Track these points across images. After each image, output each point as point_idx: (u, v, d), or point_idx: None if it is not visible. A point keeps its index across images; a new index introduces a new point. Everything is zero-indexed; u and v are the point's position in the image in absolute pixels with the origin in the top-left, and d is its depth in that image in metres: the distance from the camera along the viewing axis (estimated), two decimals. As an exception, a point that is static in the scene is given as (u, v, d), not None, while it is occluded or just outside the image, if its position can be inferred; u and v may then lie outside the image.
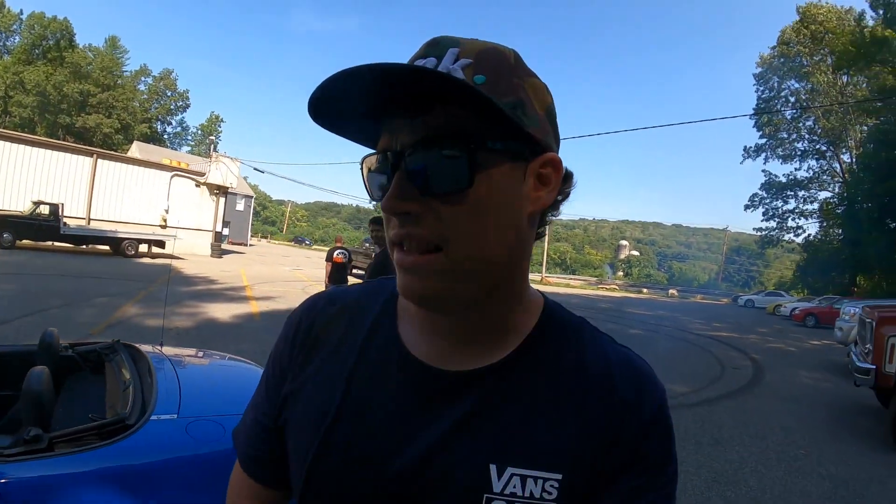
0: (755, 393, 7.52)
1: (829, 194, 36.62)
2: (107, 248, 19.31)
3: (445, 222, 0.51)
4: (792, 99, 38.34)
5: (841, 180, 35.16)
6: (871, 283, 26.90)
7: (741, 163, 43.27)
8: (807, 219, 37.97)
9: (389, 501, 0.55)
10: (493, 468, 0.53)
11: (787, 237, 38.93)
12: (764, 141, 39.01)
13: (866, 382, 5.71)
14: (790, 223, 38.64)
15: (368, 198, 0.59)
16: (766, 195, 39.03)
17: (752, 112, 38.82)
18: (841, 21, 33.23)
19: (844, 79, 31.18)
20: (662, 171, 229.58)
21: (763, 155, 39.41)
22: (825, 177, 37.51)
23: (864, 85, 31.12)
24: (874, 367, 5.55)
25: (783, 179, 38.62)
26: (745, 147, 40.71)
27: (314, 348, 0.64)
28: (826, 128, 35.34)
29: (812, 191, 37.85)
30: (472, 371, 0.57)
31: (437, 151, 0.50)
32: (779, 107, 37.90)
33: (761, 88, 39.78)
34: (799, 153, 37.90)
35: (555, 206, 0.59)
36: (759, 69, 39.66)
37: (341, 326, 0.65)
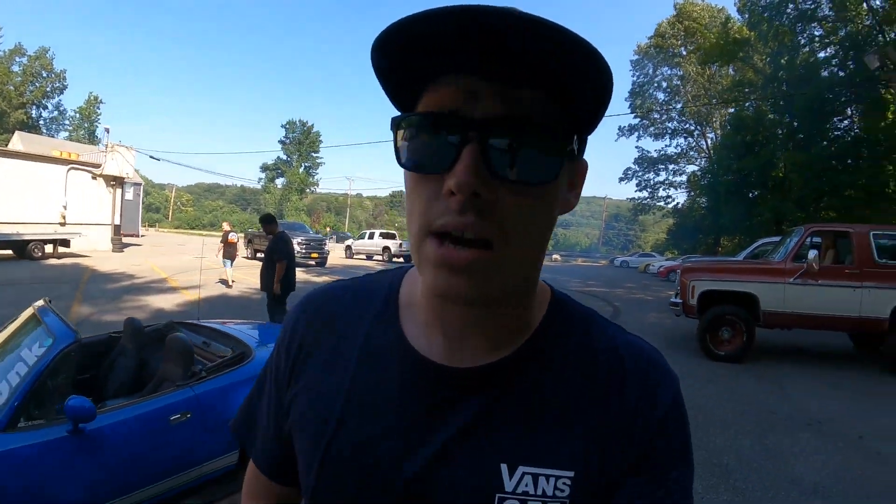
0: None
1: (695, 168, 41.26)
2: (9, 252, 17.93)
3: (511, 216, 0.46)
4: (664, 84, 43.14)
5: (706, 156, 39.76)
6: (732, 244, 31.02)
7: (615, 140, 48.16)
8: (676, 189, 42.98)
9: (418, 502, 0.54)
10: (504, 468, 0.52)
11: (658, 205, 43.88)
12: (638, 121, 43.25)
13: (678, 312, 8.09)
14: (661, 193, 43.46)
15: (397, 161, 0.50)
16: (638, 169, 43.71)
17: (627, 95, 43.89)
18: (713, 18, 37.38)
19: (714, 68, 35.21)
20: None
21: (636, 133, 43.81)
22: (692, 153, 42.50)
23: (732, 73, 35.34)
24: (681, 301, 7.90)
25: (655, 155, 43.29)
26: (620, 126, 45.17)
27: (309, 354, 0.63)
28: (692, 111, 39.82)
29: (681, 165, 42.78)
30: (480, 367, 0.56)
31: (536, 135, 0.46)
32: (652, 90, 42.54)
33: (637, 74, 44.24)
34: (669, 132, 42.56)
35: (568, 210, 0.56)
36: (636, 56, 44.03)
37: (337, 328, 0.63)
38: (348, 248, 29.88)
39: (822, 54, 24.44)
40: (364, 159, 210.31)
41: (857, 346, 8.79)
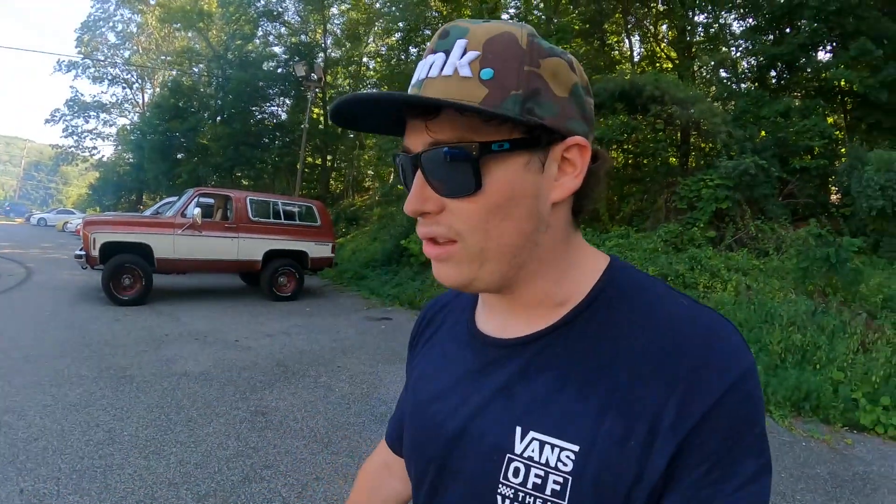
0: (24, 288, 9.41)
1: (127, 122, 38.84)
2: None
3: (459, 220, 0.53)
4: (120, 27, 38.43)
5: (140, 112, 37.57)
6: (153, 202, 31.52)
7: (51, 74, 40.94)
8: (104, 140, 39.93)
9: (444, 456, 0.61)
10: (518, 430, 0.55)
11: (83, 156, 39.39)
12: (81, 59, 38.09)
13: (83, 264, 8.51)
14: (88, 143, 39.08)
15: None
16: (68, 112, 37.86)
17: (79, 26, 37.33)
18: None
19: (175, 27, 33.81)
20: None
21: (75, 72, 38.51)
22: (127, 105, 39.71)
23: (189, 38, 34.51)
24: (85, 253, 8.38)
25: (89, 100, 38.57)
26: (59, 60, 38.57)
27: (422, 335, 0.78)
28: (138, 63, 37.45)
29: (113, 115, 39.23)
30: (519, 338, 0.60)
31: (445, 158, 0.51)
32: (105, 29, 37.69)
33: (97, 7, 38.02)
34: (110, 78, 38.54)
35: (592, 184, 0.58)
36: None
37: (441, 317, 0.76)
38: None
39: (276, 48, 27.72)
40: None
41: (246, 282, 11.37)
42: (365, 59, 27.31)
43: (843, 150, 11.74)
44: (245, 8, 26.91)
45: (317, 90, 20.25)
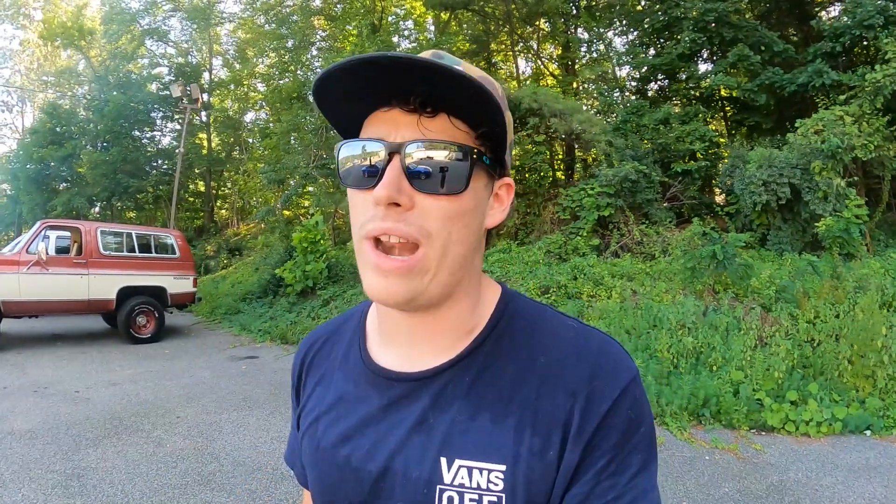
0: None
1: (7, 149, 35.78)
2: None
3: (430, 219, 0.54)
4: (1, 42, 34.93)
5: (19, 138, 35.09)
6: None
7: None
8: None
9: (369, 499, 0.61)
10: (443, 461, 0.57)
11: None
12: None
13: None
14: None
15: (340, 181, 0.59)
16: None
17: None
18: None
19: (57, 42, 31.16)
20: None
21: None
22: (6, 130, 36.21)
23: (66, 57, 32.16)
24: None
25: None
26: None
27: (306, 378, 0.75)
28: (16, 84, 34.46)
29: None
30: (427, 371, 0.61)
31: (444, 154, 0.53)
32: None
33: None
34: None
35: (502, 225, 0.64)
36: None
37: (324, 353, 0.74)
38: None
39: (162, 69, 26.06)
40: None
41: (109, 324, 10.00)
42: (254, 82, 26.32)
43: (725, 152, 12.27)
44: (128, 24, 25.38)
45: (203, 113, 19.05)
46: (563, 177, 14.33)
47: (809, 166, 8.77)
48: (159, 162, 25.26)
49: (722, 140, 13.27)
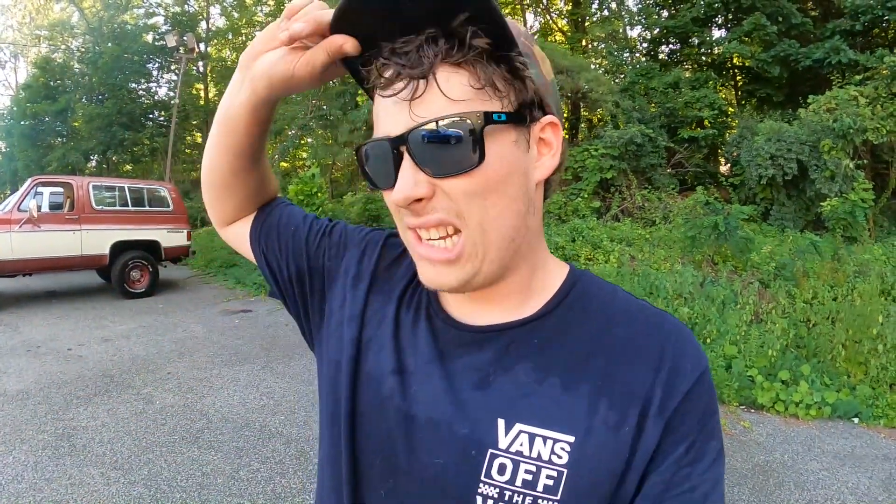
0: None
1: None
2: None
3: (457, 201, 0.50)
4: None
5: (13, 95, 34.50)
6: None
7: None
8: None
9: (400, 439, 0.56)
10: (500, 423, 0.52)
11: None
12: None
13: None
14: None
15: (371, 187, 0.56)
16: None
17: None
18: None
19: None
20: None
21: None
22: (0, 87, 35.88)
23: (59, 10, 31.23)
24: None
25: None
26: None
27: (378, 279, 0.67)
28: (8, 41, 33.58)
29: None
30: (494, 326, 0.58)
31: (442, 134, 0.48)
32: None
33: None
34: None
35: (559, 169, 0.58)
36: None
37: (395, 268, 0.68)
38: None
39: (159, 19, 25.18)
40: None
41: (103, 279, 9.91)
42: (253, 31, 25.50)
43: (733, 122, 12.01)
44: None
45: (200, 63, 18.54)
46: (566, 136, 14.08)
47: (819, 144, 8.63)
48: (155, 114, 24.79)
49: (731, 109, 13.01)
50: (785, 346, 4.69)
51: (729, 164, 11.35)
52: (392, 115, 0.51)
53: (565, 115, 14.36)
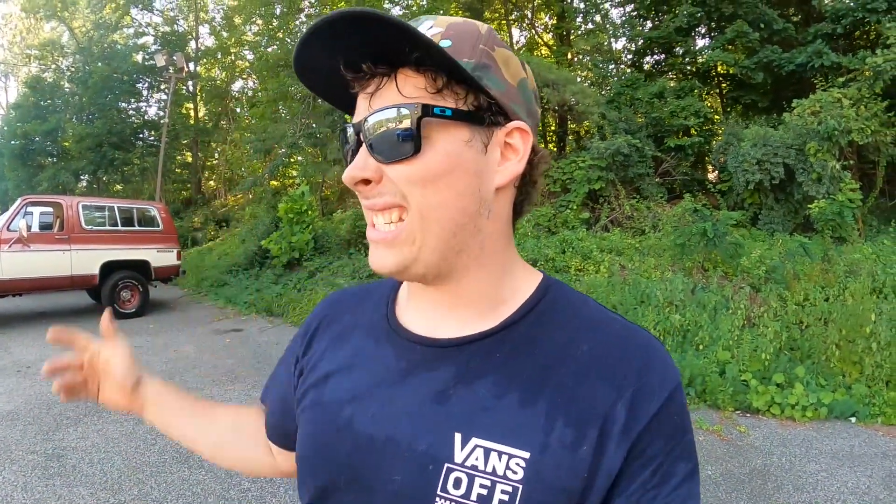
0: None
1: None
2: None
3: (400, 185, 0.52)
4: None
5: (3, 114, 34.48)
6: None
7: None
8: None
9: (362, 461, 0.56)
10: (457, 436, 0.52)
11: None
12: None
13: None
14: None
15: None
16: None
17: None
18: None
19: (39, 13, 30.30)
20: None
21: None
22: None
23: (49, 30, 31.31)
24: None
25: None
26: None
27: (331, 335, 0.69)
28: None
29: None
30: (455, 339, 0.57)
31: (386, 122, 0.51)
32: None
33: None
34: None
35: (530, 180, 0.59)
36: None
37: (350, 312, 0.70)
38: None
39: (148, 39, 25.43)
40: None
41: (94, 300, 9.78)
42: (242, 50, 25.70)
43: (719, 129, 12.14)
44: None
45: (189, 82, 18.59)
46: (554, 149, 14.27)
47: (804, 147, 8.68)
48: (146, 133, 24.87)
49: (717, 117, 13.17)
50: (778, 349, 4.69)
51: (716, 171, 11.40)
52: (359, 107, 0.55)
53: (552, 127, 14.45)
